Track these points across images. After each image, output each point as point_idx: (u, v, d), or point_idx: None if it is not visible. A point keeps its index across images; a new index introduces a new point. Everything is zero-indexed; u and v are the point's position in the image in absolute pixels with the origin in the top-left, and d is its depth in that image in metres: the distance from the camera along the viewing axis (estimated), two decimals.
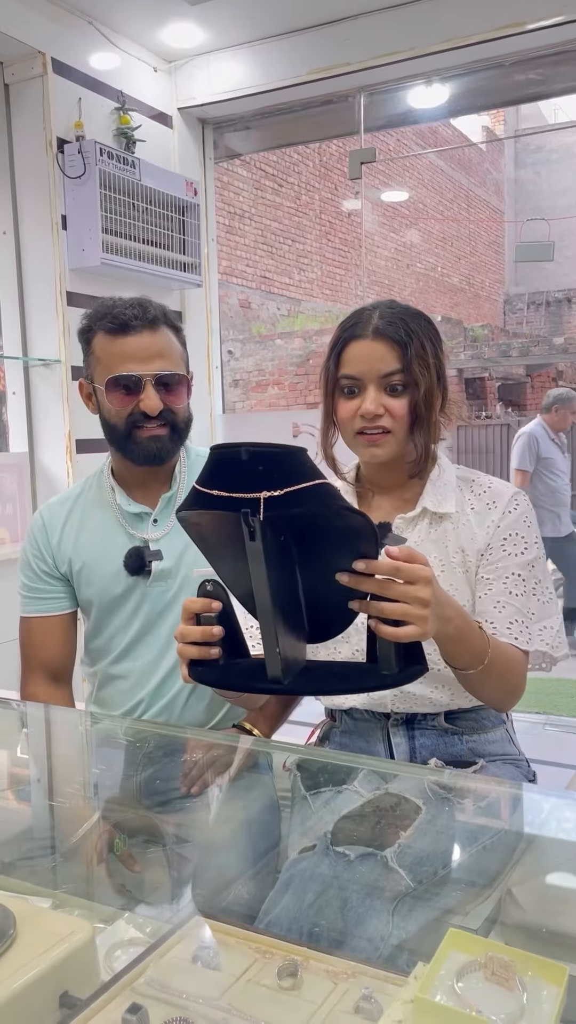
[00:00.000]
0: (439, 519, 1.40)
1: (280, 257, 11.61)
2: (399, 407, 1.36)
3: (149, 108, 3.16)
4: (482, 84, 3.18)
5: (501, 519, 1.39)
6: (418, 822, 1.16)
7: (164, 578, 1.59)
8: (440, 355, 1.41)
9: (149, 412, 1.54)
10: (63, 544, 1.65)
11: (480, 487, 1.43)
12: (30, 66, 2.74)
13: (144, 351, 1.54)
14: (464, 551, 1.38)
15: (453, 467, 1.47)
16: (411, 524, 1.42)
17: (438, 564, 1.38)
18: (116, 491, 1.65)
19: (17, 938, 0.80)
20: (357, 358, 1.38)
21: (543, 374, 14.00)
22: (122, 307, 1.55)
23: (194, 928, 0.86)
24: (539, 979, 0.69)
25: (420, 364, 1.35)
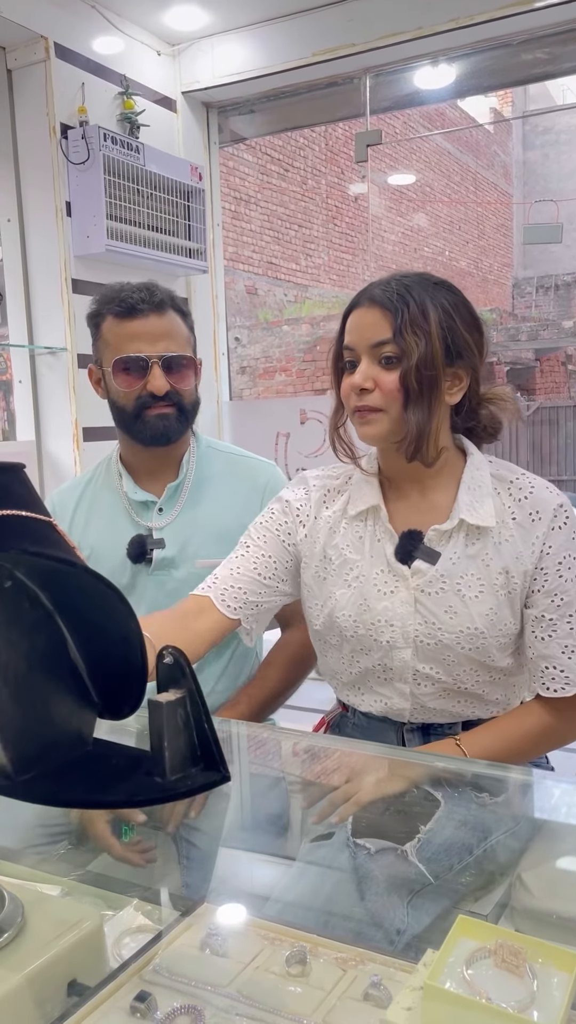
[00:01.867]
0: (477, 532, 1.27)
1: (286, 243, 11.55)
2: (388, 381, 1.22)
3: (153, 92, 3.13)
4: (489, 64, 3.14)
5: (548, 536, 1.25)
6: (437, 815, 1.14)
7: (166, 567, 1.59)
8: (457, 326, 1.24)
9: (156, 392, 1.55)
10: (73, 531, 1.66)
11: (519, 491, 1.29)
12: (32, 51, 2.71)
13: (151, 333, 1.56)
14: (508, 572, 1.26)
15: (486, 463, 1.32)
16: (445, 537, 1.28)
17: (477, 584, 1.26)
18: (123, 478, 1.66)
19: (25, 926, 0.80)
20: (352, 328, 1.28)
21: (552, 358, 13.91)
22: (129, 291, 1.57)
23: (202, 915, 0.86)
24: (550, 966, 0.69)
25: (414, 331, 1.20)
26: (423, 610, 1.27)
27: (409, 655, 1.29)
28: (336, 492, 1.41)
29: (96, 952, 0.81)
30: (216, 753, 0.69)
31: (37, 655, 0.72)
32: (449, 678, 1.30)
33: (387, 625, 1.29)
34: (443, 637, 1.26)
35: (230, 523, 1.61)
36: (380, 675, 1.34)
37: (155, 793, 0.69)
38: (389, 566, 1.30)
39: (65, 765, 0.74)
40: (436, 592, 1.27)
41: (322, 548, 1.37)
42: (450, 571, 1.27)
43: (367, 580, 1.31)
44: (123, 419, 1.60)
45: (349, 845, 1.09)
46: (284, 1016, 0.72)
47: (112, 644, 0.70)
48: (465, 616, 1.26)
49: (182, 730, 0.69)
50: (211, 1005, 0.73)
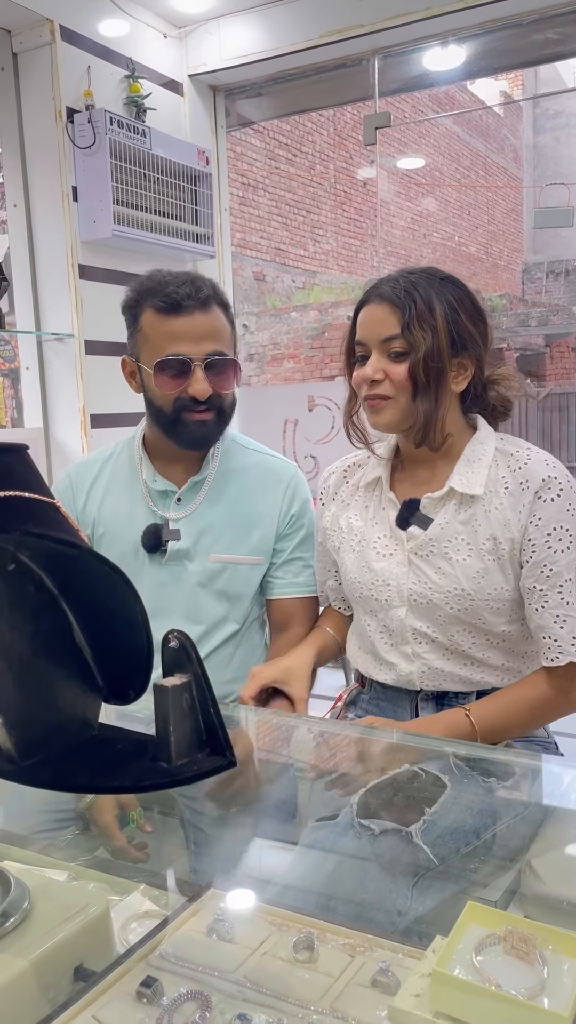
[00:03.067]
0: (469, 500, 1.35)
1: (295, 228, 11.49)
2: (397, 373, 1.32)
3: (159, 76, 3.11)
4: (499, 44, 3.10)
5: (535, 506, 1.31)
6: (443, 798, 1.14)
7: (179, 558, 1.58)
8: (462, 320, 1.33)
9: (198, 396, 1.48)
10: (88, 506, 1.64)
11: (516, 461, 1.35)
12: (38, 34, 2.69)
13: (195, 332, 1.48)
14: (496, 538, 1.33)
15: (495, 439, 1.40)
16: (438, 504, 1.38)
17: (466, 547, 1.34)
18: (144, 463, 1.63)
19: (32, 911, 0.79)
20: (363, 323, 1.37)
21: (562, 344, 13.82)
22: (175, 284, 1.48)
23: (209, 901, 0.85)
24: (560, 953, 0.68)
25: (421, 327, 1.30)
26: (416, 571, 1.37)
27: (404, 613, 1.38)
28: (356, 467, 1.55)
29: (103, 937, 0.80)
30: (222, 738, 0.69)
31: (41, 639, 0.71)
32: (444, 638, 1.37)
33: (384, 584, 1.40)
34: (433, 596, 1.35)
35: (247, 521, 1.61)
36: (386, 639, 1.43)
37: (161, 778, 0.68)
38: (391, 531, 1.41)
39: (70, 750, 0.74)
40: (427, 554, 1.36)
41: (337, 519, 1.51)
42: (439, 535, 1.36)
43: (368, 544, 1.43)
44: (160, 420, 1.54)
45: (354, 826, 1.09)
46: (291, 1002, 0.72)
47: (117, 628, 0.70)
48: (453, 577, 1.34)
49: (188, 715, 0.68)
50: (218, 991, 0.73)
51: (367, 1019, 0.70)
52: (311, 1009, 0.71)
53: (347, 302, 9.72)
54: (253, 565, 1.61)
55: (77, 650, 0.73)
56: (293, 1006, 0.71)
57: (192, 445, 1.55)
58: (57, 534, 0.63)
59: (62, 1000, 0.72)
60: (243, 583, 1.61)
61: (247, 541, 1.60)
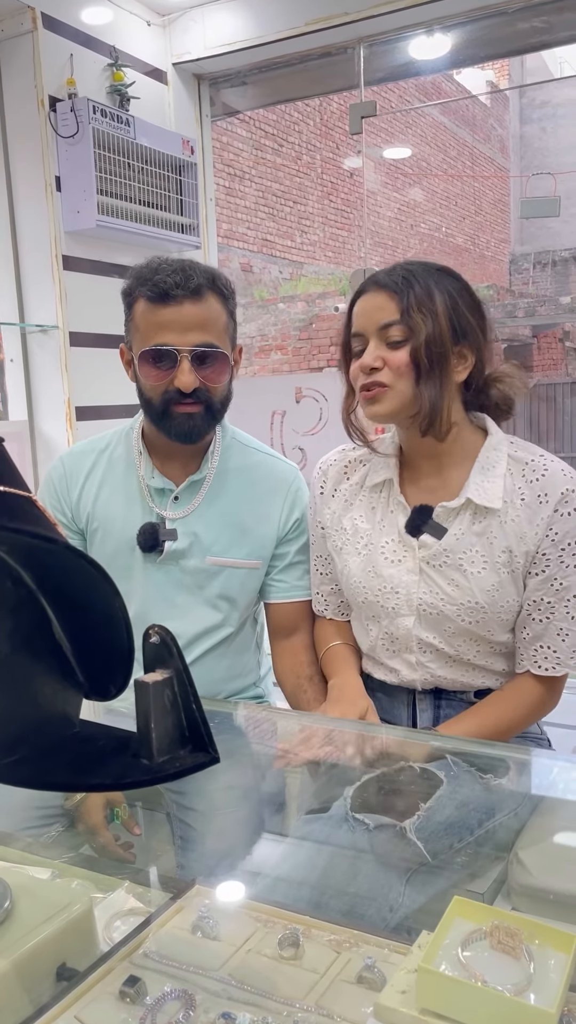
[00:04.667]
0: (484, 512, 1.32)
1: (281, 219, 11.44)
2: (398, 359, 1.28)
3: (143, 64, 3.08)
4: (485, 33, 3.08)
5: (553, 520, 1.29)
6: (438, 794, 1.14)
7: (175, 559, 1.54)
8: (461, 308, 1.31)
9: (183, 388, 1.44)
10: (83, 499, 1.60)
11: (533, 472, 1.32)
12: (19, 22, 2.65)
13: (182, 322, 1.43)
14: (511, 551, 1.30)
15: (507, 444, 1.36)
16: (453, 514, 1.34)
17: (480, 560, 1.31)
18: (143, 458, 1.59)
19: (14, 909, 0.78)
20: (360, 313, 1.34)
21: (550, 335, 13.83)
22: (165, 272, 1.43)
23: (194, 897, 0.84)
24: (547, 947, 0.68)
25: (421, 312, 1.27)
26: (428, 580, 1.34)
27: (411, 623, 1.35)
28: (358, 463, 1.49)
29: (86, 936, 0.79)
30: (205, 734, 0.68)
31: (20, 635, 0.70)
32: (450, 648, 1.35)
33: (392, 592, 1.36)
34: (445, 608, 1.32)
35: (246, 523, 1.57)
36: (388, 646, 1.41)
37: (142, 775, 0.67)
38: (400, 536, 1.37)
39: (51, 747, 0.72)
40: (440, 565, 1.33)
41: (339, 519, 1.46)
42: (454, 546, 1.32)
43: (375, 548, 1.39)
44: (151, 411, 1.51)
45: (348, 820, 1.09)
46: (276, 1000, 0.71)
47: (98, 623, 0.68)
48: (467, 590, 1.31)
49: (169, 711, 0.67)
50: (202, 989, 0.72)
51: (353, 1016, 0.69)
52: (296, 1007, 0.70)
53: (334, 293, 9.70)
54: (250, 569, 1.58)
55: (57, 646, 0.72)
56: (278, 1004, 0.70)
57: (180, 438, 1.51)
58: (33, 528, 0.62)
59: (44, 1000, 0.71)
60: (239, 586, 1.58)
61: (245, 544, 1.57)
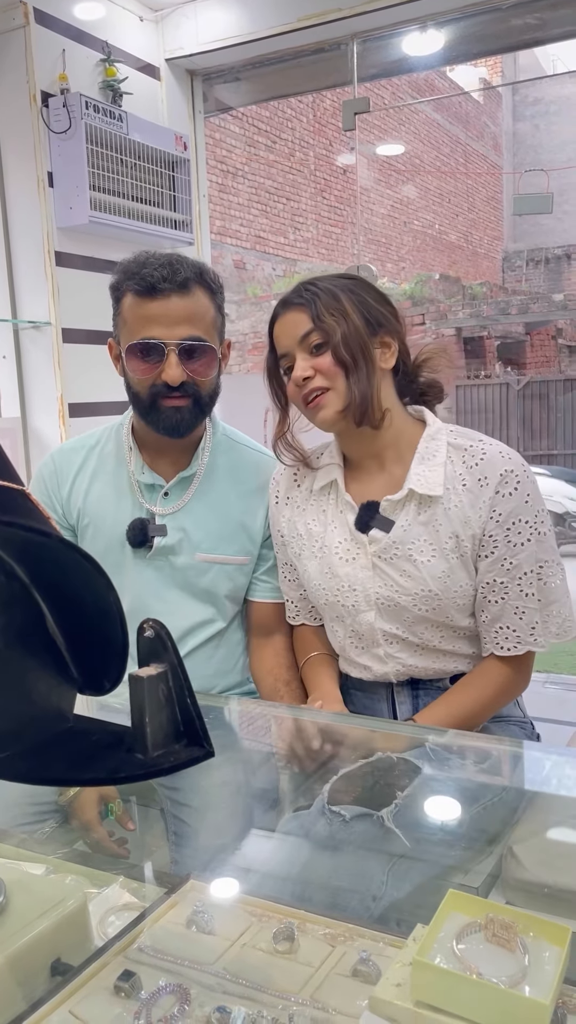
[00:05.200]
0: (428, 501, 1.35)
1: (275, 216, 11.43)
2: (324, 363, 1.34)
3: (135, 59, 3.07)
4: (478, 29, 3.08)
5: (495, 501, 1.32)
6: (416, 782, 1.14)
7: (165, 555, 1.54)
8: (369, 302, 1.36)
9: (170, 382, 1.44)
10: (73, 495, 1.60)
11: (472, 457, 1.35)
12: (11, 16, 2.64)
13: (169, 316, 1.44)
14: (458, 536, 1.33)
15: (447, 432, 1.39)
16: (398, 507, 1.37)
17: (429, 549, 1.34)
18: (133, 454, 1.59)
19: (8, 905, 0.78)
20: (279, 335, 1.40)
21: (542, 332, 13.86)
22: (152, 266, 1.44)
23: (189, 892, 0.84)
24: (541, 940, 0.68)
25: (331, 314, 1.33)
26: (381, 574, 1.37)
27: (372, 616, 1.38)
28: (306, 469, 1.51)
29: (80, 931, 0.79)
30: (200, 728, 0.67)
31: (13, 630, 0.70)
32: (414, 637, 1.38)
33: (350, 590, 1.39)
34: (400, 599, 1.35)
35: (235, 519, 1.58)
36: (356, 643, 1.43)
37: (137, 770, 0.67)
38: (351, 534, 1.40)
39: (45, 742, 0.71)
40: (391, 557, 1.36)
41: (294, 525, 1.49)
42: (402, 537, 1.35)
43: (330, 549, 1.42)
44: (138, 405, 1.51)
45: (324, 813, 1.09)
46: (271, 993, 0.71)
47: (92, 617, 0.68)
48: (419, 579, 1.34)
49: (164, 705, 0.67)
50: (197, 984, 0.72)
51: (348, 1009, 0.69)
52: (291, 1000, 0.70)
53: None
54: (239, 565, 1.58)
55: (51, 641, 0.71)
56: (273, 997, 0.71)
57: (168, 432, 1.51)
58: (27, 522, 0.61)
59: (39, 995, 0.71)
60: (229, 582, 1.58)
61: (234, 541, 1.57)
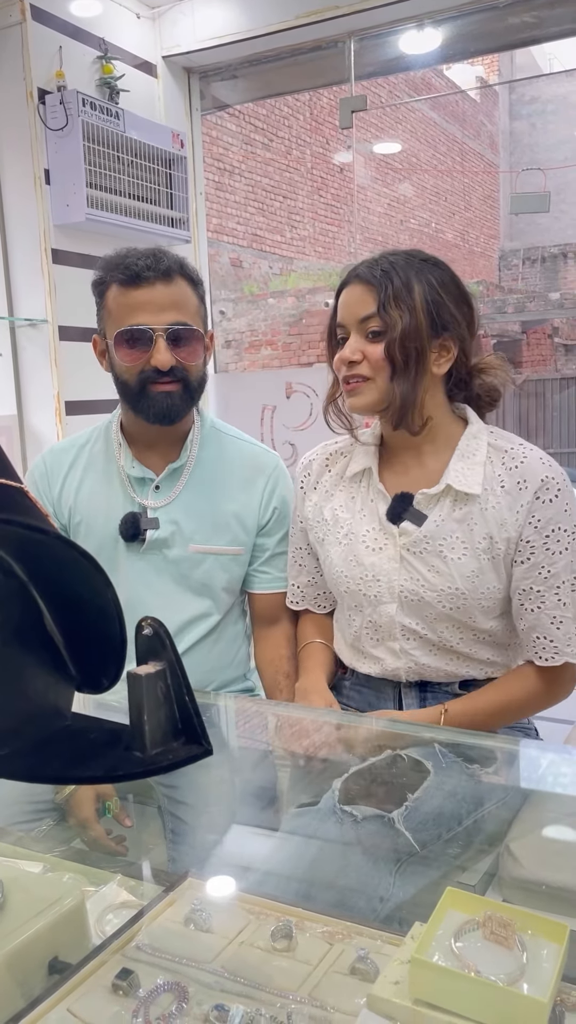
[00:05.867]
0: (464, 498, 1.33)
1: (271, 214, 11.42)
2: (375, 352, 1.30)
3: (132, 57, 3.06)
4: (475, 28, 3.08)
5: (533, 506, 1.29)
6: (426, 784, 1.14)
7: (159, 548, 1.55)
8: (443, 300, 1.31)
9: (160, 367, 1.46)
10: (64, 494, 1.61)
11: (512, 459, 1.33)
12: (8, 13, 2.64)
13: (156, 303, 1.46)
14: (492, 538, 1.31)
15: (487, 433, 1.38)
16: (433, 501, 1.35)
17: (461, 546, 1.32)
18: (122, 449, 1.60)
19: (5, 903, 0.78)
20: (342, 305, 1.36)
21: (539, 330, 13.86)
22: (135, 257, 1.47)
23: (187, 890, 0.84)
24: (539, 938, 0.68)
25: (398, 306, 1.28)
26: (408, 567, 1.35)
27: (394, 609, 1.36)
28: (339, 455, 1.51)
29: (78, 929, 0.79)
30: (198, 726, 0.68)
31: (11, 628, 0.70)
32: (433, 635, 1.36)
33: (374, 580, 1.37)
34: (425, 594, 1.33)
35: (227, 510, 1.58)
36: (372, 635, 1.41)
37: (135, 768, 0.67)
38: (380, 524, 1.38)
39: (43, 740, 0.72)
40: (421, 552, 1.34)
41: (320, 510, 1.48)
42: (434, 533, 1.33)
43: (356, 537, 1.40)
44: (127, 394, 1.52)
45: (336, 812, 1.09)
46: (270, 992, 0.71)
47: (90, 615, 0.68)
48: (447, 576, 1.32)
49: (162, 703, 0.67)
50: (195, 982, 0.72)
51: (346, 1007, 0.69)
52: (289, 998, 0.70)
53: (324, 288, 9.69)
54: (233, 556, 1.59)
55: (48, 638, 0.71)
56: (271, 995, 0.70)
57: (159, 419, 1.51)
58: (25, 519, 0.61)
59: (37, 993, 0.71)
60: (223, 573, 1.59)
61: (227, 531, 1.58)
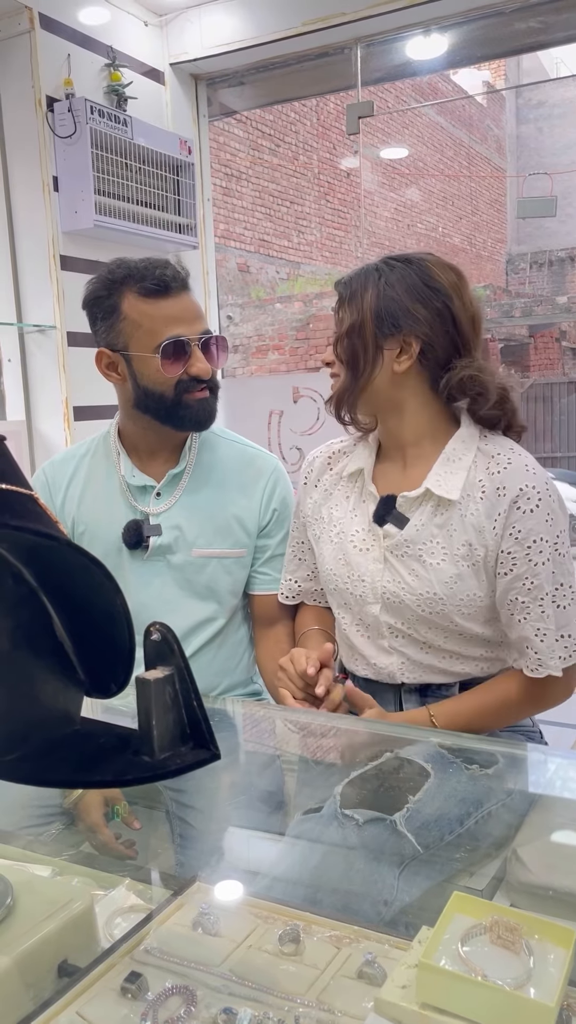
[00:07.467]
0: (446, 504, 1.32)
1: (278, 219, 11.44)
2: (331, 351, 1.40)
3: (140, 64, 3.08)
4: (482, 33, 3.09)
5: (511, 516, 1.28)
6: (427, 786, 1.14)
7: (162, 554, 1.56)
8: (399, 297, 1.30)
9: (201, 376, 1.50)
10: (67, 504, 1.62)
11: (496, 464, 1.31)
12: (16, 22, 2.66)
13: (188, 313, 1.50)
14: (471, 544, 1.30)
15: (475, 437, 1.35)
16: (415, 504, 1.35)
17: (441, 551, 1.32)
18: (121, 457, 1.61)
19: (15, 907, 0.79)
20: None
21: (546, 334, 13.85)
22: (155, 268, 1.48)
23: (195, 894, 0.85)
24: (546, 942, 0.68)
25: (349, 306, 1.34)
26: (391, 569, 1.36)
27: (377, 610, 1.37)
28: (341, 454, 1.52)
29: (87, 932, 0.80)
30: (206, 730, 0.68)
31: (21, 633, 0.70)
32: (417, 635, 1.37)
33: (359, 580, 1.39)
34: (405, 597, 1.34)
35: (228, 513, 1.59)
36: (362, 633, 1.42)
37: (143, 772, 0.67)
38: (369, 525, 1.40)
39: (51, 744, 0.73)
40: (402, 555, 1.35)
41: (319, 508, 1.49)
42: (414, 537, 1.34)
43: (346, 536, 1.42)
44: (159, 404, 1.52)
45: (337, 816, 1.09)
46: (277, 995, 0.71)
47: (98, 620, 0.69)
48: (426, 580, 1.32)
49: (171, 708, 0.68)
50: (203, 985, 0.72)
51: (353, 1011, 0.69)
52: (297, 1002, 0.70)
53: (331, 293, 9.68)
54: (236, 558, 1.60)
55: (58, 644, 0.72)
56: (279, 999, 0.71)
57: (197, 425, 1.56)
58: (36, 526, 0.62)
59: (46, 996, 0.72)
60: (227, 576, 1.60)
61: (229, 535, 1.59)
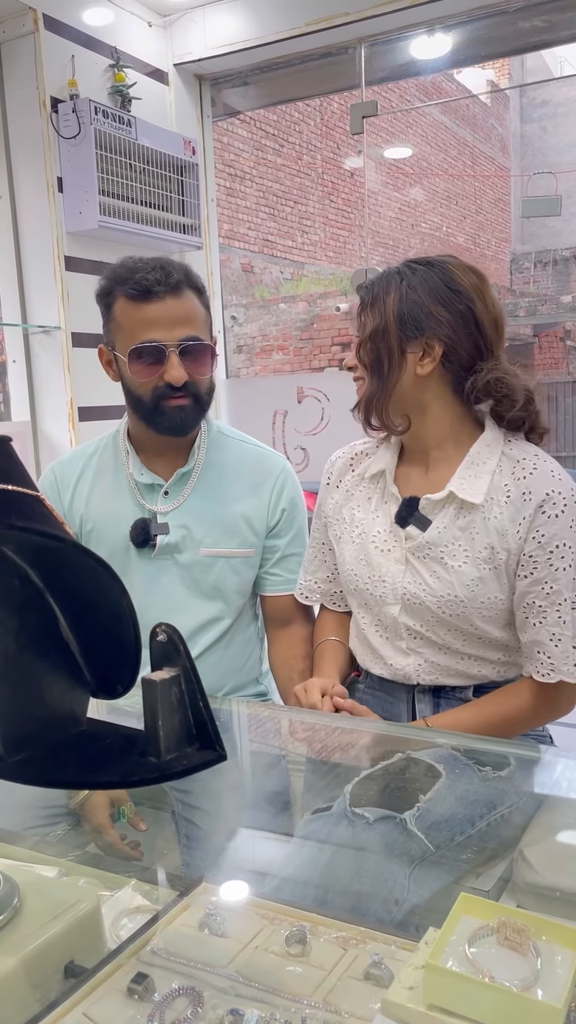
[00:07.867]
0: (469, 507, 1.32)
1: (282, 219, 11.44)
2: (353, 355, 1.42)
3: (144, 65, 3.08)
4: (486, 32, 3.08)
5: (536, 520, 1.28)
6: (437, 786, 1.14)
7: (169, 553, 1.56)
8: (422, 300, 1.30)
9: (174, 383, 1.48)
10: (75, 503, 1.63)
11: (522, 469, 1.31)
12: (20, 23, 2.66)
13: (167, 318, 1.48)
14: (493, 547, 1.30)
15: (502, 443, 1.36)
16: (437, 507, 1.35)
17: (463, 554, 1.31)
18: (130, 456, 1.62)
19: (22, 908, 0.79)
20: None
21: (551, 334, 13.83)
22: (144, 270, 1.48)
23: (201, 895, 0.85)
24: (553, 943, 0.68)
25: (371, 311, 1.35)
26: (412, 571, 1.36)
27: (397, 611, 1.37)
28: (363, 455, 1.52)
29: (93, 933, 0.80)
30: (212, 731, 0.68)
31: (28, 634, 0.71)
32: (436, 637, 1.36)
33: (380, 580, 1.38)
34: (425, 599, 1.34)
35: (236, 514, 1.60)
36: (381, 633, 1.42)
37: (150, 773, 0.68)
38: (391, 526, 1.39)
39: (58, 745, 0.73)
40: (424, 557, 1.35)
41: (340, 509, 1.50)
42: (436, 539, 1.34)
43: (368, 537, 1.41)
44: (140, 407, 1.54)
45: (347, 815, 1.09)
46: (284, 996, 0.71)
47: (105, 621, 0.69)
48: (447, 583, 1.32)
49: (177, 709, 0.68)
50: (210, 986, 0.72)
51: (360, 1012, 0.69)
52: (304, 1003, 0.70)
53: (335, 293, 9.70)
54: (244, 558, 1.60)
55: (64, 645, 0.72)
56: (286, 1000, 0.71)
57: (172, 432, 1.55)
58: (42, 527, 0.62)
59: (53, 997, 0.72)
60: (234, 576, 1.60)
61: (237, 534, 1.59)
